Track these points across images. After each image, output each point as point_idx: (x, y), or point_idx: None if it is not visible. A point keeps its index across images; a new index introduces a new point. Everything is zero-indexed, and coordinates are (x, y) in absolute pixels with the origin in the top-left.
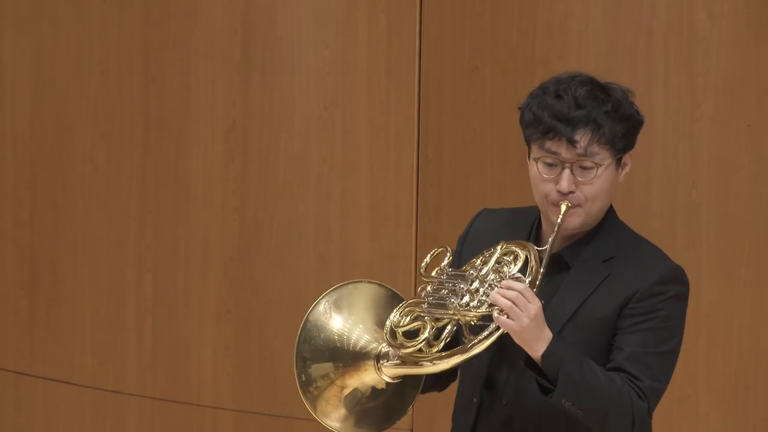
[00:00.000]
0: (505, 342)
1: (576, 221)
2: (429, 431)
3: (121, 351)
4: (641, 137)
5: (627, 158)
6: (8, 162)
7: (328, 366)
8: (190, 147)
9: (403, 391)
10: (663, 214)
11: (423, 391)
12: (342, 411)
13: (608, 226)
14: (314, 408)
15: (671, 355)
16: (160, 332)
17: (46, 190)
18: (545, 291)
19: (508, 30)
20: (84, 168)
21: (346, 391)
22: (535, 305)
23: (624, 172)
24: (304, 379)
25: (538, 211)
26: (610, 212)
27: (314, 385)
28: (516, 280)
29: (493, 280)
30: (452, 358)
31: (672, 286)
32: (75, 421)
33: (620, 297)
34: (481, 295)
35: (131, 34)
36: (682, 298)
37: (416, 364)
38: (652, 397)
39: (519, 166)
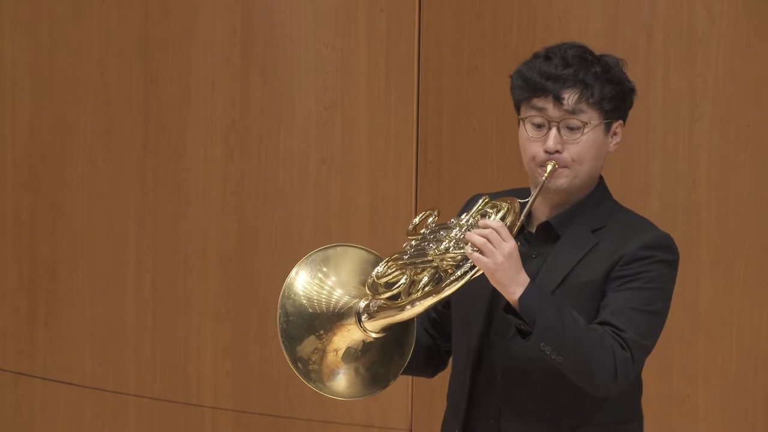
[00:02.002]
0: (493, 315)
1: (563, 182)
2: (428, 431)
3: (120, 351)
4: (640, 137)
5: (618, 128)
6: (8, 162)
7: (313, 338)
8: (190, 147)
9: (389, 358)
10: (662, 213)
11: (413, 373)
12: (342, 373)
13: (599, 197)
14: (322, 385)
15: (657, 316)
16: (160, 332)
17: (46, 189)
18: (536, 262)
19: (507, 30)
20: (83, 168)
21: (341, 353)
22: (509, 244)
23: (614, 142)
24: (300, 366)
25: (529, 192)
26: (602, 184)
27: (311, 362)
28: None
29: (472, 225)
30: (427, 299)
31: (659, 252)
32: (74, 421)
33: (608, 262)
34: (459, 239)
35: (130, 34)
36: (670, 264)
37: (394, 309)
38: (636, 349)
39: (519, 167)
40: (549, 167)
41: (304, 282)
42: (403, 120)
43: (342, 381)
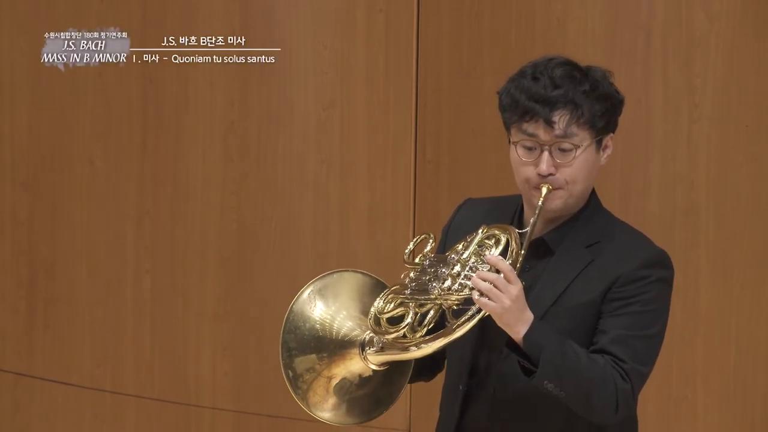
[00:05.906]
0: (487, 329)
1: (557, 203)
2: (427, 431)
3: (119, 352)
4: (639, 138)
5: (608, 141)
6: (7, 162)
7: (313, 357)
8: (189, 147)
9: (391, 380)
10: (661, 215)
11: (410, 381)
12: (332, 401)
13: (591, 210)
14: (306, 402)
15: (655, 339)
16: (159, 333)
17: (45, 190)
18: (529, 276)
19: (506, 31)
20: (82, 168)
21: (334, 381)
22: (516, 287)
23: (606, 155)
24: (291, 375)
25: (521, 199)
26: (593, 197)
27: (302, 379)
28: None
29: (474, 263)
30: (436, 341)
31: (656, 270)
32: (73, 422)
33: (604, 282)
34: (462, 279)
35: (129, 33)
36: (667, 282)
37: (401, 349)
38: (636, 379)
39: None
40: (544, 190)
41: (304, 316)
42: (401, 120)
43: (335, 409)
